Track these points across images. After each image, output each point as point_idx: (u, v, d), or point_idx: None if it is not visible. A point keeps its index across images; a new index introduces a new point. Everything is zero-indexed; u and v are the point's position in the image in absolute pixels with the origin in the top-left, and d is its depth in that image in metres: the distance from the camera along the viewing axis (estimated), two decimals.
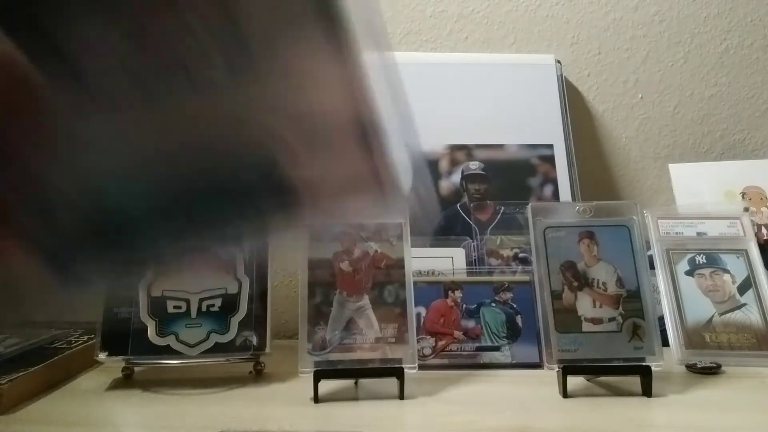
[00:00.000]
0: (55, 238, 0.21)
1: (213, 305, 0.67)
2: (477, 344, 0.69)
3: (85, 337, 0.73)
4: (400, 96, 0.26)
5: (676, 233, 0.75)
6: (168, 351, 0.65)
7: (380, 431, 0.54)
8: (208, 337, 0.65)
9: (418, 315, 0.69)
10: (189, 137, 0.22)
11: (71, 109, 0.21)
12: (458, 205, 0.83)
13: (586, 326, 0.62)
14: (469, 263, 0.78)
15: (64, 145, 0.21)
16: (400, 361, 0.60)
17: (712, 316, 0.70)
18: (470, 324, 0.70)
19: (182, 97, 0.22)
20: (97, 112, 0.21)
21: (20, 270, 0.22)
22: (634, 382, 0.60)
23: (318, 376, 0.59)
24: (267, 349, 0.66)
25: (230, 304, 0.67)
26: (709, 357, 0.67)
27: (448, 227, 0.82)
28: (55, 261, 0.22)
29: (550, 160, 0.86)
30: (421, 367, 0.62)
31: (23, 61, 0.20)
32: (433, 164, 0.84)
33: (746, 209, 0.83)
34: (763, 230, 0.82)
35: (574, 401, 0.58)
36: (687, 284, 0.72)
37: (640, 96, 0.98)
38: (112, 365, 0.67)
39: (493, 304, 0.71)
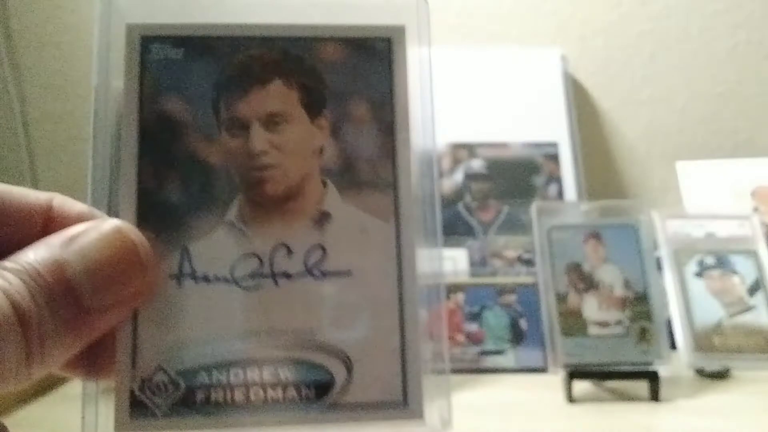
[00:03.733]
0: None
1: None
2: (480, 348, 0.68)
3: None
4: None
5: (685, 234, 0.74)
6: None
7: None
8: None
9: None
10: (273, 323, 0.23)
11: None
12: (460, 204, 0.82)
13: (592, 329, 0.61)
14: (471, 265, 0.77)
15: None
16: None
17: (722, 319, 0.69)
18: (473, 327, 0.69)
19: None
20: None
21: None
22: (642, 386, 0.58)
23: None
24: None
25: None
26: (719, 361, 0.66)
27: (450, 228, 0.80)
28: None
29: (554, 158, 0.84)
30: None
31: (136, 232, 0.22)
32: None
33: (756, 209, 0.82)
34: None
35: (580, 406, 0.57)
36: (695, 286, 0.70)
37: (647, 93, 0.97)
38: None
39: (497, 307, 0.70)
